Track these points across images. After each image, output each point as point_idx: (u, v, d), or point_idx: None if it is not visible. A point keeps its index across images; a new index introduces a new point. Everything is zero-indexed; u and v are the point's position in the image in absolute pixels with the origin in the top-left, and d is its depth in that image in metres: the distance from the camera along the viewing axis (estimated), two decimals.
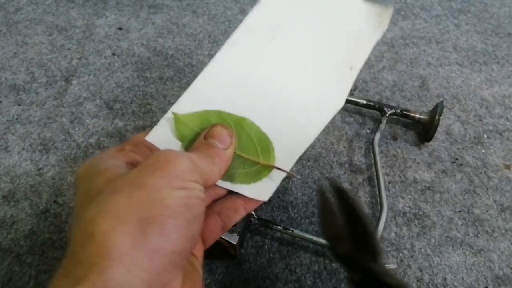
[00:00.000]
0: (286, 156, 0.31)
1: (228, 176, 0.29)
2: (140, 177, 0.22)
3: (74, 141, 0.48)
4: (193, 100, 0.32)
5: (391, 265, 0.32)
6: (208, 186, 0.26)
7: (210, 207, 0.30)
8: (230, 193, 0.30)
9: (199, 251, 0.28)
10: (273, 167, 0.30)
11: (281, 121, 0.32)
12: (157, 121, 0.52)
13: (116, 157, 0.26)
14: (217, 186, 0.29)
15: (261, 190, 0.30)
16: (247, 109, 0.32)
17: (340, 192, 0.29)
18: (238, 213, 0.30)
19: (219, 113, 0.31)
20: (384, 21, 0.38)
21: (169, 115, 0.31)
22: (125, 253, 0.19)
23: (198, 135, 0.30)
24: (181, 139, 0.30)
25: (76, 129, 0.50)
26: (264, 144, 0.31)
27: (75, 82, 0.56)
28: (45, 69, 0.57)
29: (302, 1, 0.38)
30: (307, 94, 0.34)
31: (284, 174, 0.30)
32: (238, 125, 0.31)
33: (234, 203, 0.30)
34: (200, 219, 0.24)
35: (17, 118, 0.51)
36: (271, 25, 0.36)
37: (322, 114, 0.33)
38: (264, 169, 0.30)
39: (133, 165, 0.25)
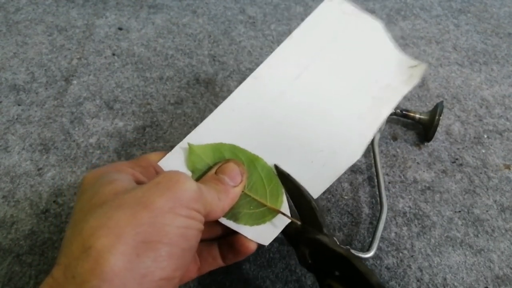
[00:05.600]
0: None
1: (232, 214, 0.29)
2: (148, 195, 0.22)
3: (74, 141, 0.48)
4: (210, 130, 0.31)
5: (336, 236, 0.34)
6: (209, 220, 0.26)
7: (212, 243, 0.31)
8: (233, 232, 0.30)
9: (193, 274, 0.29)
10: (279, 212, 0.30)
11: (295, 164, 0.31)
12: (157, 121, 0.52)
13: (126, 171, 0.26)
14: (220, 223, 0.29)
15: (263, 234, 0.29)
16: (262, 146, 0.31)
17: (285, 176, 0.31)
18: (239, 256, 0.30)
19: (233, 148, 0.31)
20: (415, 75, 0.37)
21: (184, 144, 0.30)
22: (117, 274, 0.19)
23: (210, 168, 0.29)
24: (192, 170, 0.30)
25: (76, 129, 0.50)
26: (273, 187, 0.30)
27: (75, 82, 0.56)
28: (45, 69, 0.57)
29: (334, 43, 0.36)
30: (325, 140, 0.33)
31: (288, 221, 0.30)
32: (251, 164, 0.31)
33: (237, 242, 0.30)
34: (194, 249, 0.24)
35: (17, 118, 0.51)
36: (299, 63, 0.35)
37: (337, 164, 0.32)
38: (269, 212, 0.30)
39: (139, 184, 0.25)
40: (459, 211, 0.43)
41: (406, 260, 0.39)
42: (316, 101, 0.34)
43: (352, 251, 0.36)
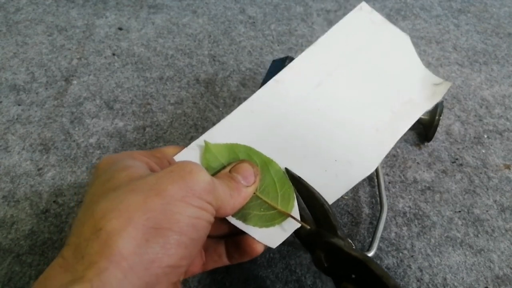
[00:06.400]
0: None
1: (242, 215, 0.29)
2: (161, 182, 0.22)
3: (74, 141, 0.48)
4: (228, 130, 0.32)
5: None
6: (219, 216, 0.26)
7: (218, 241, 0.31)
8: (241, 232, 0.30)
9: (197, 269, 0.29)
10: (289, 215, 0.29)
11: (308, 171, 0.31)
12: (157, 121, 0.52)
13: (140, 159, 0.26)
14: (229, 222, 0.29)
15: (271, 237, 0.29)
16: (277, 150, 0.31)
17: (296, 180, 0.31)
18: (245, 256, 0.30)
19: (248, 150, 0.31)
20: (438, 93, 0.36)
21: (200, 141, 0.31)
22: (125, 257, 0.19)
23: (223, 168, 0.29)
24: (206, 168, 0.30)
25: (76, 129, 0.50)
26: (286, 191, 0.30)
27: (75, 82, 0.56)
28: (45, 69, 0.57)
29: (359, 52, 0.36)
30: (341, 150, 0.33)
31: (297, 225, 0.30)
32: (265, 167, 0.31)
33: (244, 243, 0.29)
34: (202, 240, 0.24)
35: (17, 118, 0.51)
36: (321, 70, 0.35)
37: (350, 175, 0.32)
38: (279, 215, 0.30)
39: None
40: (459, 211, 0.43)
41: (406, 260, 0.39)
42: (336, 110, 0.34)
43: None
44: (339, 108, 0.34)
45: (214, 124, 0.32)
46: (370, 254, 0.37)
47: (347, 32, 0.36)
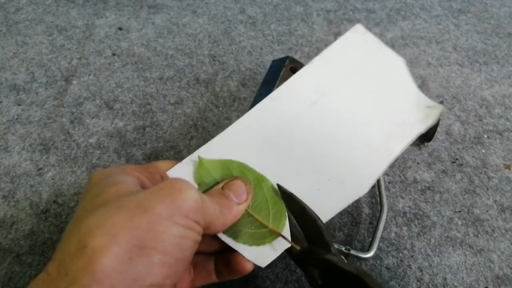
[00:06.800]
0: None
1: (232, 232, 0.29)
2: (149, 200, 0.22)
3: (74, 141, 0.48)
4: (222, 146, 0.32)
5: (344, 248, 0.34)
6: (208, 233, 0.26)
7: (208, 257, 0.30)
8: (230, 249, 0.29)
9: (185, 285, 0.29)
10: (280, 234, 0.29)
11: (300, 190, 0.31)
12: (157, 121, 0.52)
13: (132, 174, 0.26)
14: (219, 239, 0.29)
15: (261, 255, 0.29)
16: (270, 167, 0.31)
17: (288, 196, 0.30)
18: (234, 274, 0.29)
19: (242, 166, 0.31)
20: (432, 115, 0.37)
21: (194, 156, 0.31)
22: (108, 275, 0.19)
23: (216, 184, 0.29)
24: (199, 183, 0.30)
25: (76, 129, 0.50)
26: (277, 210, 0.30)
27: (75, 82, 0.56)
28: (45, 69, 0.57)
29: (354, 73, 0.37)
30: (334, 170, 0.33)
31: (288, 245, 0.29)
32: (258, 184, 0.31)
33: (234, 261, 0.29)
34: (188, 259, 0.24)
35: (17, 118, 0.51)
36: (317, 89, 0.35)
37: (343, 195, 0.32)
38: (269, 234, 0.29)
39: (144, 188, 0.25)
40: (459, 211, 0.43)
41: (406, 260, 0.39)
42: (330, 129, 0.34)
43: (352, 251, 0.36)
44: (333, 128, 0.35)
45: (214, 124, 0.32)
46: (370, 254, 0.37)
47: (341, 53, 0.37)
